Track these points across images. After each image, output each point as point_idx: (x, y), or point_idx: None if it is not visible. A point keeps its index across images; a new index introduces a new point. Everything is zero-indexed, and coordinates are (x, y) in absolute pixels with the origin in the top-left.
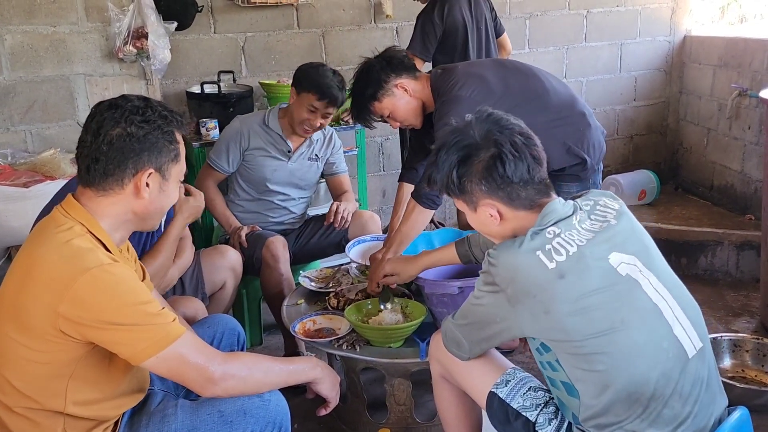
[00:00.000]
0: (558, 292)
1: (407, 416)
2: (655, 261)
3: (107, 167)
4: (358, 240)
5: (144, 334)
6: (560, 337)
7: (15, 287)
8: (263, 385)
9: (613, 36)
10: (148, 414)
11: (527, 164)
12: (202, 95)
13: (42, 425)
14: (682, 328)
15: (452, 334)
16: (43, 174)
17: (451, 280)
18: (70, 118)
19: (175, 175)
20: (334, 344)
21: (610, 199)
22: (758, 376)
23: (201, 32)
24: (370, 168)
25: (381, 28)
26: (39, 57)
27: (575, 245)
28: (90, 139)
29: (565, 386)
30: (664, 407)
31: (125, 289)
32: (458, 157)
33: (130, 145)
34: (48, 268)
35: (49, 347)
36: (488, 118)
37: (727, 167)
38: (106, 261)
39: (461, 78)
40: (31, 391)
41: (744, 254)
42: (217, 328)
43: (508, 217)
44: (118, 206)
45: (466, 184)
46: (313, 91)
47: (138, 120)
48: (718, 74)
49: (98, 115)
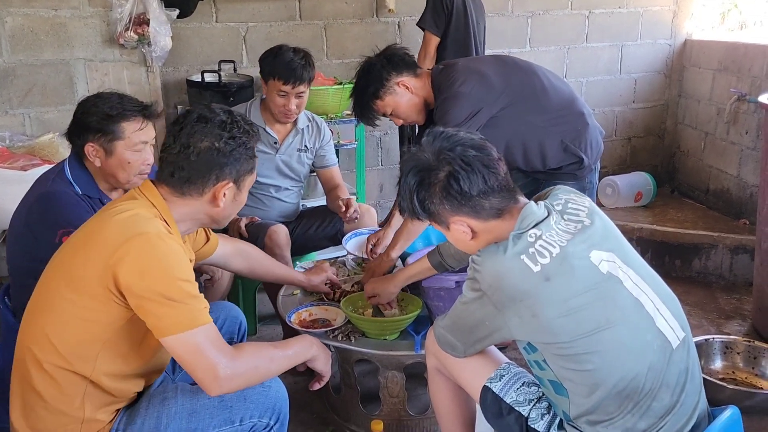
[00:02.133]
0: (544, 296)
1: (400, 409)
2: (631, 256)
3: (191, 176)
4: (355, 233)
5: (175, 310)
6: (548, 339)
7: (73, 248)
8: (266, 377)
9: (614, 37)
10: (148, 396)
11: (481, 175)
12: (203, 84)
13: (64, 389)
14: (664, 319)
15: (444, 338)
16: (41, 158)
17: (448, 274)
18: (69, 103)
19: (248, 185)
20: (329, 335)
21: (577, 196)
22: (748, 378)
23: (203, 20)
24: (368, 162)
25: (383, 22)
26: (39, 40)
27: (557, 246)
28: (178, 148)
29: (553, 385)
30: (654, 400)
31: (172, 262)
32: (415, 182)
33: (216, 159)
34: (107, 229)
35: (94, 305)
36: (440, 136)
37: (724, 171)
38: (163, 231)
39: (462, 74)
40: (66, 350)
41: (738, 258)
42: (219, 314)
43: (480, 230)
44: (191, 207)
45: (430, 206)
46: (277, 76)
47: (226, 136)
48: (717, 79)
49: (188, 127)
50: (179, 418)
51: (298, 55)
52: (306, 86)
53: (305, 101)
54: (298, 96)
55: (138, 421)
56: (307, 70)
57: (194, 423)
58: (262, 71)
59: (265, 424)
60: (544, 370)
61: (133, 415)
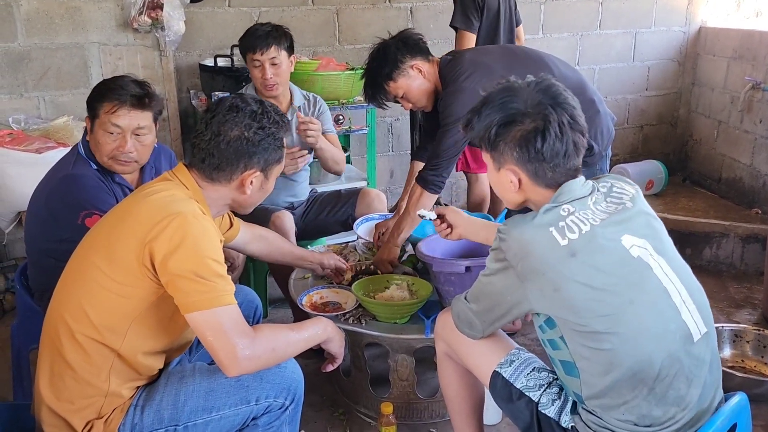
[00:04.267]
0: (568, 271)
1: (409, 392)
2: (666, 246)
3: (221, 164)
4: (366, 218)
5: (202, 287)
6: (568, 316)
7: (110, 224)
8: (283, 358)
9: (627, 24)
10: (166, 374)
11: (565, 149)
12: (215, 68)
13: (93, 359)
14: (689, 312)
15: (465, 315)
16: (56, 141)
17: (459, 259)
18: (84, 87)
19: (275, 174)
20: (341, 318)
21: (626, 183)
22: (757, 366)
23: (216, 5)
24: (379, 148)
25: (395, 7)
26: (54, 24)
27: (588, 224)
28: (209, 136)
29: (564, 365)
30: (669, 388)
31: (206, 241)
32: (501, 118)
33: (246, 148)
34: (144, 208)
35: (129, 280)
36: (547, 89)
37: (737, 160)
38: (198, 211)
39: (468, 68)
40: (99, 321)
41: (749, 247)
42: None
43: (527, 189)
44: (219, 193)
45: (500, 144)
46: (248, 49)
47: (256, 126)
48: (731, 66)
49: (219, 115)
50: (197, 396)
51: (265, 25)
52: (277, 52)
53: (284, 70)
54: (272, 64)
55: (156, 398)
56: (273, 36)
57: (211, 401)
58: (241, 53)
59: (280, 404)
60: (559, 350)
61: (151, 392)
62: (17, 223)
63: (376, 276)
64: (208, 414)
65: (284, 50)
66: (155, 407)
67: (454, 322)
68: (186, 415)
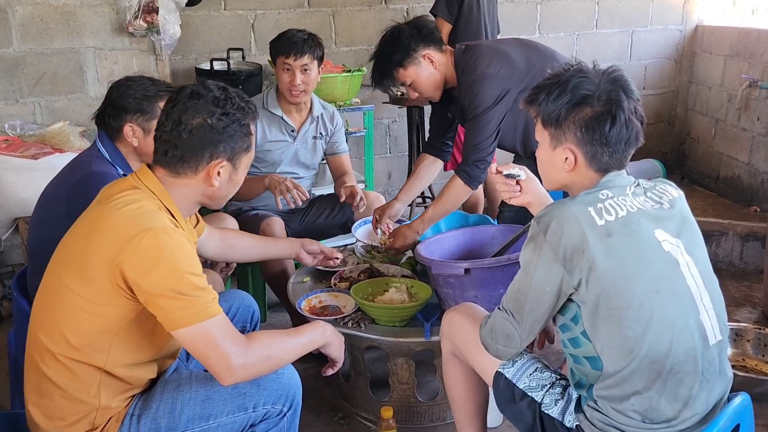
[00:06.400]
0: (603, 250)
1: (409, 395)
2: (698, 252)
3: (184, 154)
4: (364, 220)
5: (185, 303)
6: (600, 298)
7: (79, 240)
8: (279, 365)
9: (624, 23)
10: (162, 382)
11: (629, 136)
12: (212, 72)
13: (80, 378)
14: (708, 316)
15: (502, 327)
16: (52, 146)
17: (458, 261)
18: (80, 91)
19: (245, 164)
20: (340, 322)
21: (671, 187)
22: (758, 365)
23: (211, 8)
24: (376, 150)
25: (392, 9)
26: (49, 29)
27: (626, 210)
28: (170, 126)
29: (590, 361)
30: (681, 385)
31: (181, 256)
32: (573, 98)
33: (209, 136)
34: (113, 223)
35: (104, 299)
36: (617, 78)
37: (735, 158)
38: (169, 225)
39: (487, 55)
40: (79, 343)
41: (748, 245)
42: (232, 302)
43: (578, 170)
44: (188, 188)
45: (565, 123)
46: (281, 52)
47: (218, 112)
48: (728, 64)
49: (180, 104)
50: (193, 404)
51: (301, 32)
52: (310, 60)
53: (312, 79)
54: (303, 71)
55: (153, 406)
56: (309, 45)
57: (208, 409)
58: (271, 55)
59: (278, 410)
60: (581, 347)
61: (148, 400)
62: (14, 230)
63: (375, 279)
64: (205, 422)
65: (316, 59)
66: (152, 416)
67: (483, 342)
68: (183, 424)
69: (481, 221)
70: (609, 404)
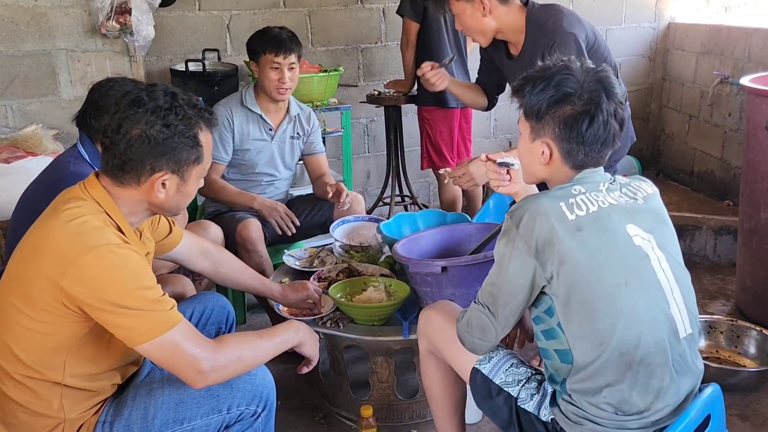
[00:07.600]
0: (573, 244)
1: (389, 393)
2: (670, 247)
3: (124, 165)
4: (343, 220)
5: (143, 319)
6: (570, 292)
7: (22, 258)
8: (251, 366)
9: (598, 21)
10: (134, 387)
11: (605, 137)
12: (187, 73)
13: (40, 395)
14: (678, 310)
15: (478, 320)
16: (25, 150)
17: (435, 260)
18: (52, 94)
19: (195, 175)
20: (318, 322)
21: (646, 184)
22: (731, 356)
23: (185, 9)
24: (355, 149)
25: (368, 8)
26: (20, 31)
27: (597, 205)
28: (110, 134)
29: (559, 354)
30: (652, 377)
31: (129, 272)
32: (555, 95)
33: (149, 148)
34: (55, 242)
35: (52, 319)
36: (603, 78)
37: (708, 154)
38: (115, 241)
39: (567, 15)
40: (32, 361)
41: (721, 239)
42: (206, 304)
43: (553, 164)
44: (134, 198)
45: (545, 118)
46: (268, 50)
47: (159, 124)
48: (700, 61)
49: (120, 112)
50: (166, 408)
51: (283, 29)
52: (296, 59)
53: (297, 77)
54: (290, 68)
55: (125, 412)
56: (295, 43)
57: (181, 413)
58: (251, 51)
59: (252, 411)
60: (555, 339)
61: (120, 406)
62: None
63: (353, 278)
64: (179, 426)
65: (299, 57)
66: (124, 422)
67: (460, 336)
68: (156, 428)
69: (459, 219)
70: (583, 397)
